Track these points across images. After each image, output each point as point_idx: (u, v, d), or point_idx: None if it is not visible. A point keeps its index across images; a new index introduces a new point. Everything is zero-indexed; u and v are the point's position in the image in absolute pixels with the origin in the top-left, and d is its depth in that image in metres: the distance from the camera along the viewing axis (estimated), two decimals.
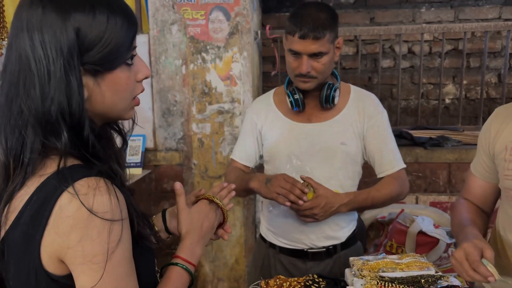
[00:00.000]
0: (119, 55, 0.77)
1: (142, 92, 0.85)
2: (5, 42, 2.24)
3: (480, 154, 1.30)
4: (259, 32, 2.56)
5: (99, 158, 0.77)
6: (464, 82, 2.97)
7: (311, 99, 1.51)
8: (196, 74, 2.42)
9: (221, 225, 1.06)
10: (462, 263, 1.05)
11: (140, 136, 2.49)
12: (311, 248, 1.53)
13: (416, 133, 2.57)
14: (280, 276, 1.36)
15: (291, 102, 1.50)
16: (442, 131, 2.60)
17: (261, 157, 1.63)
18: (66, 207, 0.71)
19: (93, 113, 0.79)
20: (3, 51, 2.25)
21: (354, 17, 3.19)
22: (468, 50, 3.07)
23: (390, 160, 1.50)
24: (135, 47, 0.80)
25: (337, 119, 1.52)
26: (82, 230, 0.71)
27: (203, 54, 2.39)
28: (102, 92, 0.78)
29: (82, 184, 0.72)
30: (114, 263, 0.73)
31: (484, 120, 1.33)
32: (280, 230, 1.55)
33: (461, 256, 1.05)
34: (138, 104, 0.86)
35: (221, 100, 2.43)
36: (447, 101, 3.26)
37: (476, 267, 1.02)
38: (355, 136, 1.51)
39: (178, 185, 1.02)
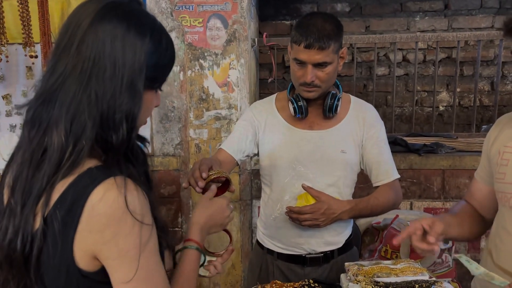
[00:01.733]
0: (163, 79, 0.90)
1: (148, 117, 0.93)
2: (4, 48, 2.25)
3: (482, 160, 1.35)
4: (256, 39, 2.60)
5: (132, 163, 0.84)
6: (458, 89, 3.01)
7: (313, 107, 1.53)
8: (193, 80, 2.44)
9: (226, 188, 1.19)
10: (407, 232, 1.18)
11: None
12: (309, 254, 1.55)
13: (411, 140, 2.60)
14: (276, 281, 1.37)
15: (294, 108, 1.51)
16: (436, 138, 2.63)
17: (247, 156, 1.61)
18: (98, 205, 0.75)
19: None
20: (2, 56, 2.28)
21: (349, 26, 3.23)
22: (462, 58, 3.12)
23: (387, 170, 1.53)
24: (165, 81, 0.92)
25: (338, 127, 1.54)
26: (115, 226, 0.75)
27: (201, 61, 2.42)
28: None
29: (112, 182, 0.77)
30: (146, 256, 0.78)
31: (478, 127, 1.38)
32: (278, 236, 1.56)
33: (407, 228, 1.19)
34: (144, 123, 0.93)
35: (218, 106, 2.45)
36: (441, 108, 3.30)
37: (412, 238, 1.16)
38: (354, 145, 1.53)
39: (213, 187, 1.13)
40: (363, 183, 1.62)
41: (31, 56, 2.27)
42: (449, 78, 3.25)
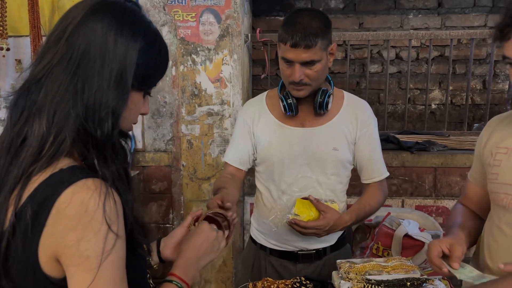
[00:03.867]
0: (152, 81, 0.88)
1: (134, 124, 0.91)
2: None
3: (475, 161, 1.35)
4: (249, 35, 2.58)
5: (112, 160, 0.80)
6: (450, 88, 3.02)
7: (304, 104, 1.51)
8: (186, 75, 2.42)
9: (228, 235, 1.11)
10: (427, 256, 1.20)
11: None
12: (301, 250, 1.54)
13: (403, 138, 2.61)
14: (268, 278, 1.37)
15: (284, 106, 1.50)
16: (428, 135, 2.64)
17: (254, 159, 1.60)
18: (65, 207, 0.72)
19: None
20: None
21: (343, 22, 3.22)
22: (454, 56, 3.12)
23: (378, 168, 1.55)
24: (157, 84, 0.90)
25: (330, 124, 1.52)
26: (79, 230, 0.71)
27: (193, 56, 2.40)
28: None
29: (81, 185, 0.73)
30: (107, 267, 0.73)
31: (469, 126, 1.38)
32: (271, 232, 1.56)
33: (427, 251, 1.20)
34: (131, 129, 0.91)
35: (211, 102, 2.43)
36: (433, 106, 3.31)
37: (430, 261, 1.17)
38: (347, 142, 1.52)
39: (198, 212, 1.11)
40: (356, 180, 1.61)
41: (1, 49, 2.24)
42: (441, 76, 3.25)
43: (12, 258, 0.76)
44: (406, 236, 2.01)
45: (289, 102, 1.49)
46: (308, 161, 1.51)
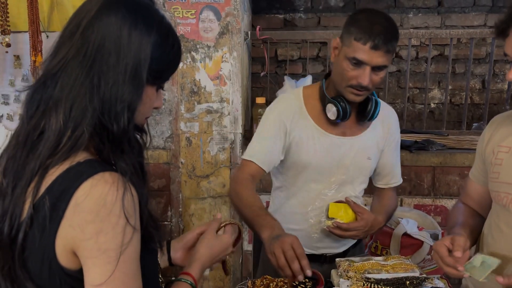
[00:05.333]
0: (166, 76, 0.88)
1: (148, 117, 0.91)
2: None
3: (476, 160, 1.35)
4: (249, 32, 2.57)
5: (128, 154, 0.80)
6: (449, 87, 3.02)
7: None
8: (185, 73, 2.41)
9: (236, 241, 1.15)
10: (436, 260, 1.17)
11: None
12: (327, 254, 1.55)
13: (402, 137, 2.58)
14: (267, 276, 1.36)
15: (338, 111, 1.38)
16: (427, 135, 2.64)
17: (281, 161, 1.49)
18: (83, 200, 0.72)
19: None
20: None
21: (343, 21, 3.16)
22: (454, 56, 3.12)
23: (397, 174, 1.59)
24: (169, 78, 0.90)
25: (366, 133, 1.49)
26: (98, 223, 0.72)
27: (193, 53, 2.39)
28: None
29: (99, 178, 0.73)
30: (125, 260, 0.74)
31: (468, 125, 1.38)
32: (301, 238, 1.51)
33: (434, 255, 1.18)
34: (144, 123, 0.91)
35: (210, 100, 2.43)
36: (433, 105, 3.31)
37: (444, 262, 1.13)
38: (378, 150, 1.52)
39: (219, 215, 1.13)
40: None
41: (9, 45, 2.24)
42: (441, 75, 3.25)
43: (29, 249, 0.76)
44: (405, 235, 2.01)
45: (343, 107, 1.38)
46: (344, 170, 1.48)
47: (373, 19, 1.30)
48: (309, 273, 1.12)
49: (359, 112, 1.45)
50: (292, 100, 1.49)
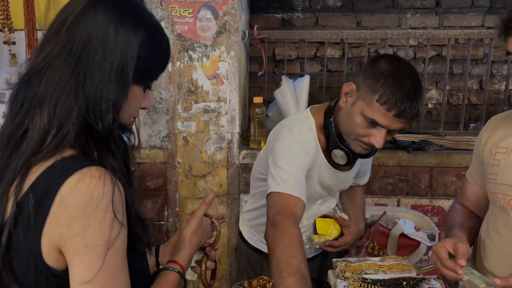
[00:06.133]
0: (154, 75, 0.86)
1: (135, 118, 0.90)
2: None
3: (473, 161, 1.35)
4: (246, 32, 2.56)
5: (113, 153, 0.79)
6: (447, 88, 3.02)
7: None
8: (182, 72, 2.40)
9: (212, 244, 1.13)
10: (435, 261, 1.15)
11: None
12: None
13: (399, 137, 2.60)
14: (263, 276, 1.36)
15: (348, 158, 1.33)
16: (424, 135, 2.64)
17: None
18: (69, 195, 0.71)
19: None
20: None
21: (341, 21, 3.21)
22: (452, 56, 3.13)
23: (367, 175, 1.69)
24: (157, 77, 0.88)
25: (357, 163, 1.52)
26: (85, 219, 0.70)
27: (190, 52, 2.38)
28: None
29: (85, 173, 0.72)
30: (113, 254, 0.73)
31: (466, 126, 1.37)
32: None
33: (433, 257, 1.16)
34: (131, 124, 0.89)
35: (207, 99, 2.42)
36: (430, 106, 3.31)
37: (443, 264, 1.11)
38: (360, 165, 1.58)
39: (211, 196, 1.08)
40: None
41: (14, 43, 2.23)
42: (438, 76, 3.25)
43: (14, 250, 0.74)
44: (402, 235, 2.00)
45: (354, 154, 1.33)
46: (333, 191, 1.55)
47: (401, 81, 1.16)
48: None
49: None
50: (311, 139, 1.36)
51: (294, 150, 1.30)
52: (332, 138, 1.34)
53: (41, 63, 0.77)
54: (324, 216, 1.49)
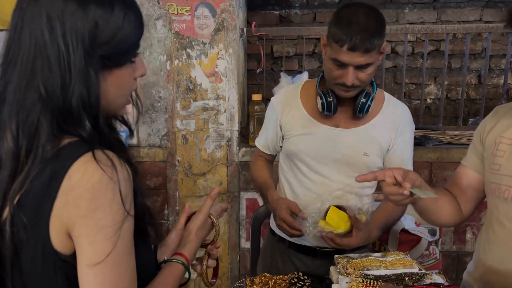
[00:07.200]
0: (129, 51, 0.78)
1: (135, 89, 0.85)
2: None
3: (472, 147, 1.32)
4: (244, 29, 2.55)
5: (111, 148, 0.77)
6: (446, 82, 3.02)
7: (344, 104, 1.43)
8: (180, 70, 2.39)
9: (211, 241, 1.11)
10: (383, 187, 1.14)
11: (123, 132, 2.45)
12: (319, 247, 1.52)
13: None
14: (265, 274, 1.36)
15: (322, 104, 1.41)
16: (424, 130, 2.64)
17: (281, 147, 1.57)
18: (77, 177, 0.69)
19: None
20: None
21: None
22: (450, 51, 3.12)
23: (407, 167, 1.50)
24: (139, 46, 0.82)
25: (365, 128, 1.46)
26: (94, 200, 0.69)
27: (188, 50, 2.37)
28: (107, 87, 0.77)
29: (96, 153, 0.71)
30: (121, 238, 0.72)
31: (465, 120, 1.36)
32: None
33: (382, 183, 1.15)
34: (130, 103, 0.86)
35: (206, 97, 2.41)
36: (429, 101, 3.31)
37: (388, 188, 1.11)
38: (380, 148, 1.46)
39: (216, 191, 1.08)
40: None
41: None
42: (437, 70, 3.25)
43: (20, 241, 0.73)
44: (403, 231, 2.01)
45: (329, 100, 1.40)
46: (336, 163, 1.46)
47: (350, 18, 1.28)
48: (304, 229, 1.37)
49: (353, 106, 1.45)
50: (289, 92, 1.56)
51: (269, 106, 1.60)
52: (316, 89, 1.48)
53: (2, 80, 0.73)
54: (340, 208, 1.40)
